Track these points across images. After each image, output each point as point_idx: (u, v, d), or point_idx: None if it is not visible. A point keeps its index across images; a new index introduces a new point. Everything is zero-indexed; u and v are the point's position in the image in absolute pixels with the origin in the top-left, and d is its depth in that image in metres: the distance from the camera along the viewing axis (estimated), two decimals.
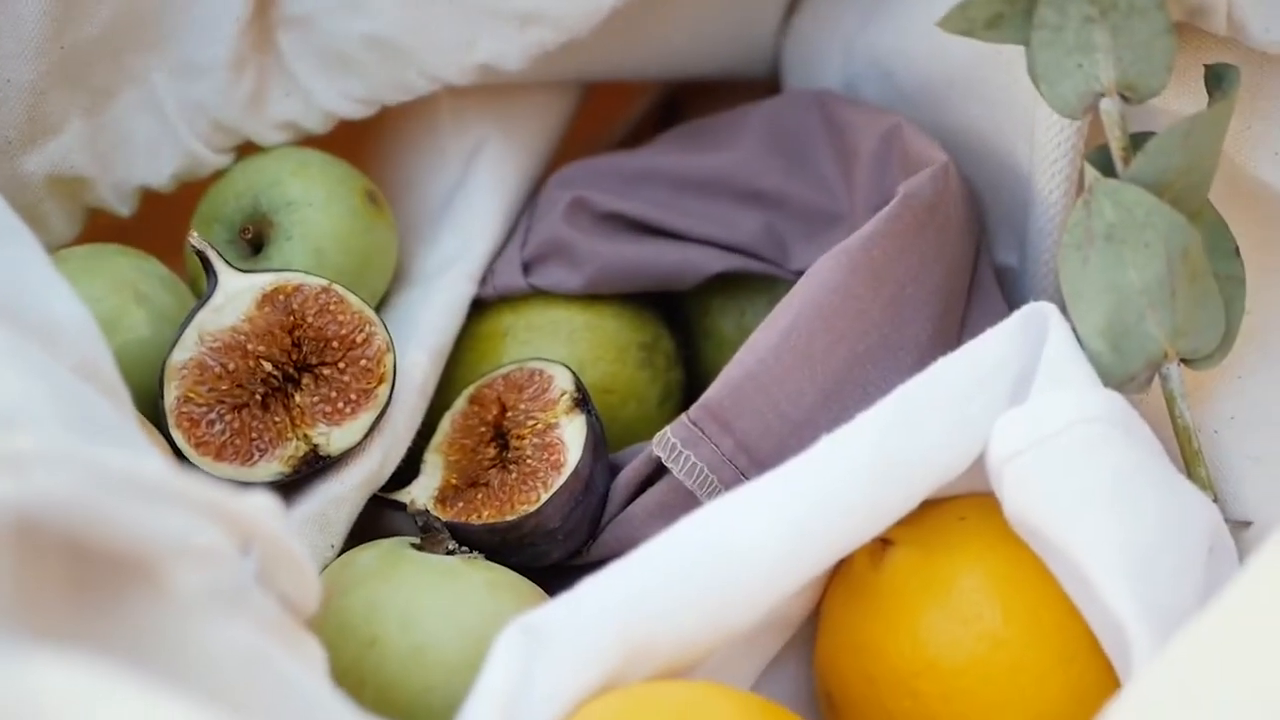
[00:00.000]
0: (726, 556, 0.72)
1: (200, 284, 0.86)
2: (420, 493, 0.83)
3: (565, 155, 0.96)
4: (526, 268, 0.88)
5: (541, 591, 0.79)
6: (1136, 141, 0.75)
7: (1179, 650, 0.59)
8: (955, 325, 0.83)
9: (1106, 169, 0.75)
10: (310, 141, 0.89)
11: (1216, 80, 0.75)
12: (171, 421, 0.79)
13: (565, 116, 0.94)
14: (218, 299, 0.80)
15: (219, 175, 0.88)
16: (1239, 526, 0.77)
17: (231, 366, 0.80)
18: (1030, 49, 0.75)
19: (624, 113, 1.02)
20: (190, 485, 0.56)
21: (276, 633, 0.62)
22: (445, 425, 0.85)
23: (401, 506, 0.83)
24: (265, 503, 0.61)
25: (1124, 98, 0.75)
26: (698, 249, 0.88)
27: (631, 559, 0.73)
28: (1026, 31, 0.75)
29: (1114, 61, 0.74)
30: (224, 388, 0.80)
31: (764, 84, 1.00)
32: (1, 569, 0.51)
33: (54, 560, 0.53)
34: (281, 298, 0.81)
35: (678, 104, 1.04)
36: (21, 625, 0.51)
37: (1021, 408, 0.74)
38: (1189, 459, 0.77)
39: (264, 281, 0.81)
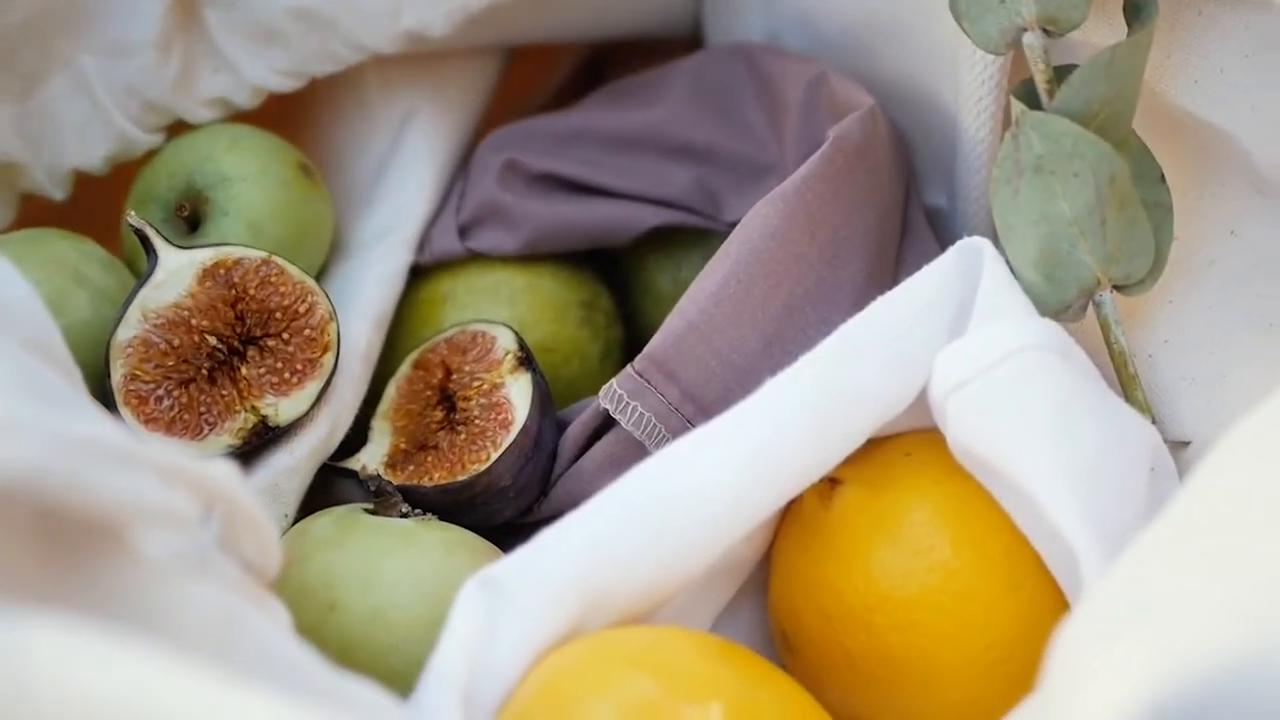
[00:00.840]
0: (679, 501, 0.73)
1: (138, 263, 0.86)
2: (370, 459, 0.84)
3: (492, 121, 0.96)
4: (463, 232, 0.89)
5: (497, 549, 0.80)
6: (1060, 74, 0.76)
7: (1131, 559, 0.60)
8: (889, 266, 0.84)
9: (1032, 102, 0.76)
10: (241, 117, 0.89)
11: (1135, 11, 0.76)
12: (119, 399, 0.79)
13: (492, 82, 0.95)
14: (159, 276, 0.80)
15: (151, 155, 0.88)
16: (1178, 446, 0.78)
17: (176, 342, 0.80)
18: None
19: (547, 77, 1.03)
20: (153, 450, 0.57)
21: (243, 594, 0.63)
22: (390, 391, 0.86)
23: (352, 474, 0.84)
24: (226, 468, 0.62)
25: (1046, 31, 0.76)
26: (631, 205, 0.89)
27: (587, 509, 0.74)
28: None
29: None
30: (170, 364, 0.80)
31: (684, 42, 1.00)
32: None
33: (23, 527, 0.54)
34: (222, 272, 0.81)
35: (599, 66, 1.05)
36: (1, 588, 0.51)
37: (961, 341, 0.76)
38: (1126, 383, 0.78)
39: (204, 256, 0.81)
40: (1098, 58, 0.75)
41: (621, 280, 0.93)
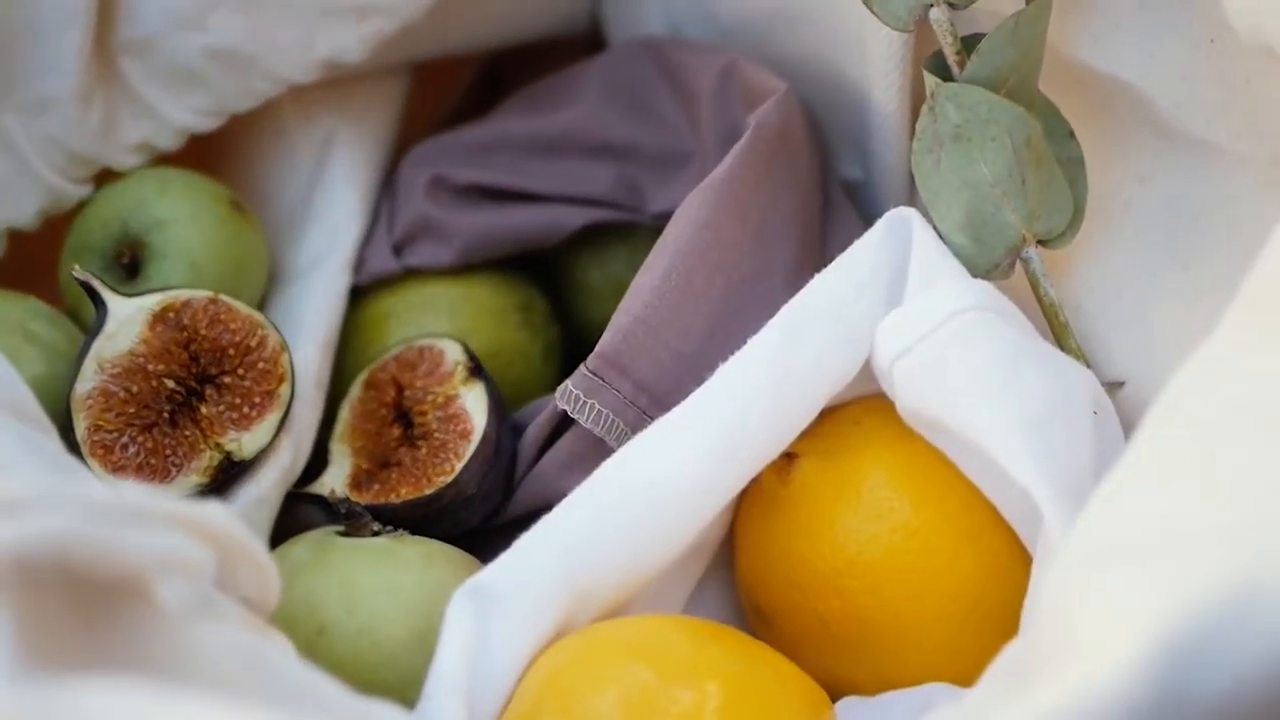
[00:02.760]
0: (652, 492, 0.76)
1: (81, 314, 0.87)
2: (334, 482, 0.86)
3: (406, 138, 0.98)
4: (397, 249, 0.91)
5: (472, 557, 0.82)
6: (967, 44, 0.79)
7: (1105, 500, 0.63)
8: (816, 243, 0.87)
9: (944, 74, 0.79)
10: (163, 158, 0.90)
11: None
12: (86, 451, 0.80)
13: (403, 99, 0.97)
14: (110, 326, 0.82)
15: (82, 205, 0.89)
16: (1114, 387, 0.81)
17: (135, 389, 0.82)
18: None
19: (451, 88, 1.05)
20: (164, 504, 0.58)
21: (252, 630, 0.65)
22: (344, 414, 0.88)
23: (317, 499, 0.85)
24: (219, 511, 0.63)
25: (950, 5, 0.79)
26: (558, 207, 0.91)
27: (563, 508, 0.76)
28: None
29: None
30: (131, 411, 0.81)
31: (582, 42, 1.03)
32: (16, 609, 0.53)
33: (56, 593, 0.55)
34: (171, 315, 0.82)
35: (498, 72, 1.07)
36: (44, 659, 0.53)
37: (900, 309, 0.79)
38: (1058, 333, 0.82)
39: (152, 302, 0.82)
40: (1003, 25, 0.78)
41: (553, 279, 0.96)
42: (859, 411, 0.82)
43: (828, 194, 0.89)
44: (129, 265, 0.87)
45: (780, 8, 0.91)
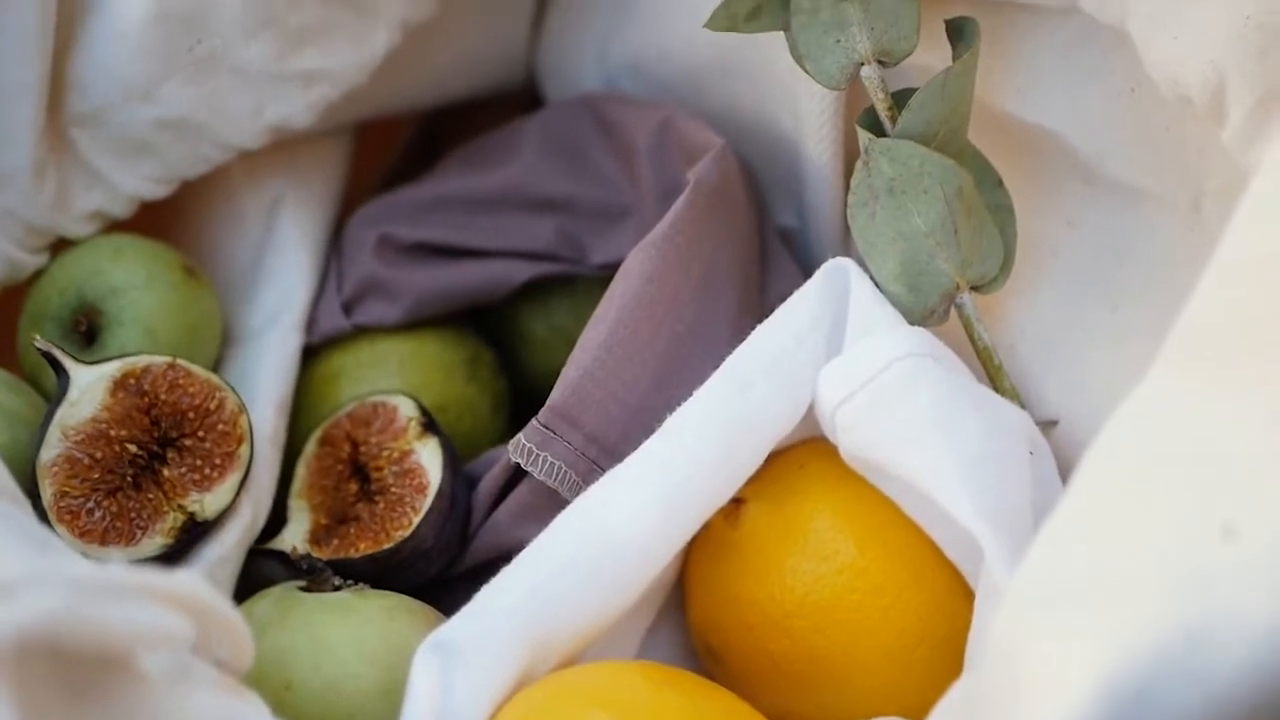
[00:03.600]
0: (606, 541, 0.79)
1: (40, 381, 0.89)
2: (294, 538, 0.88)
3: (348, 197, 1.00)
4: (346, 308, 0.93)
5: (432, 609, 0.84)
6: (898, 99, 0.82)
7: (1047, 544, 0.66)
8: (756, 291, 0.90)
9: (876, 129, 0.82)
10: (116, 225, 0.92)
11: (958, 33, 0.82)
12: (53, 518, 0.82)
13: (347, 159, 0.99)
14: (72, 394, 0.84)
15: (38, 274, 0.91)
16: (1048, 426, 0.84)
17: (99, 455, 0.83)
18: (791, 34, 0.81)
19: (390, 147, 1.07)
20: (144, 578, 0.61)
21: (228, 692, 0.67)
22: (301, 470, 0.90)
23: (277, 555, 0.88)
24: (192, 578, 0.66)
25: (881, 63, 0.82)
26: (502, 262, 0.94)
27: (521, 560, 0.79)
28: (784, 18, 0.81)
29: (868, 33, 0.81)
30: (95, 476, 0.83)
31: (517, 97, 1.05)
32: (14, 688, 0.55)
33: (46, 670, 0.57)
34: (132, 381, 0.84)
35: (434, 129, 1.09)
36: None
37: (840, 357, 0.81)
38: (993, 375, 0.85)
39: (112, 369, 0.84)
40: (933, 81, 0.81)
41: (498, 331, 0.98)
42: (803, 455, 0.85)
43: (765, 243, 0.92)
44: (86, 332, 0.89)
45: (714, 63, 0.94)
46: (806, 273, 0.93)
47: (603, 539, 0.79)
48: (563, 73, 1.01)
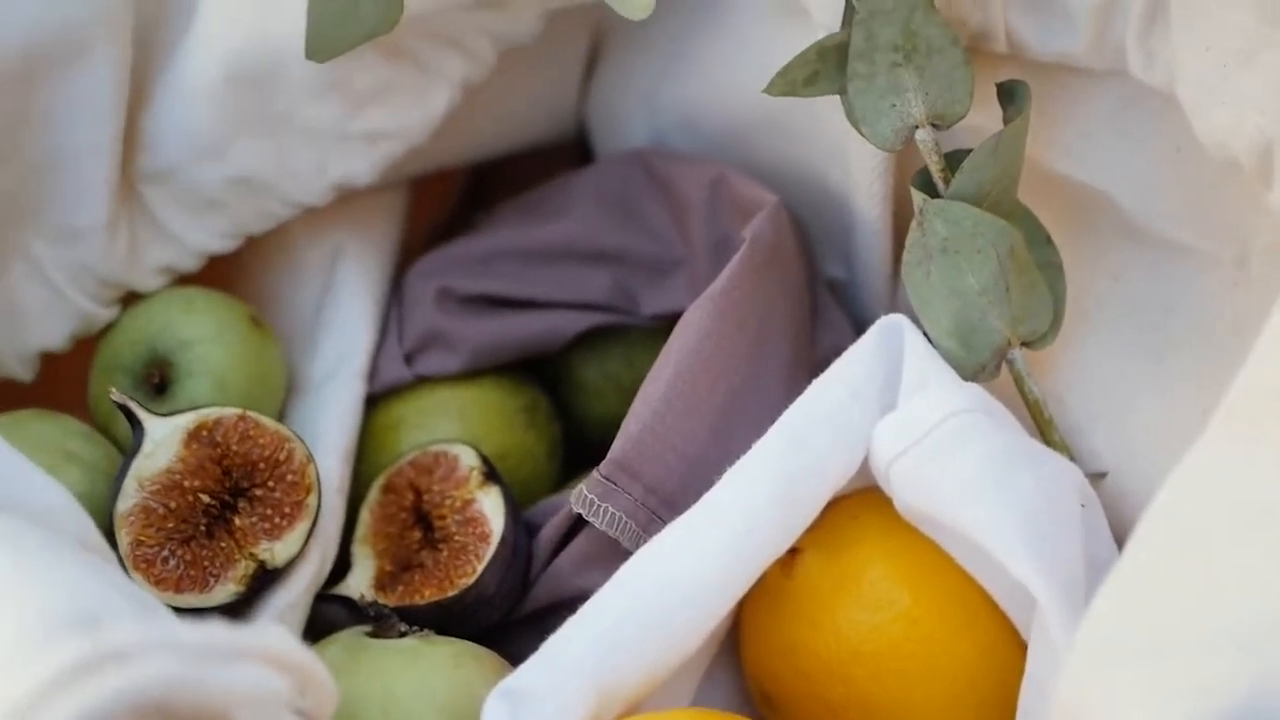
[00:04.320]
0: (671, 591, 0.81)
1: (111, 430, 0.92)
2: (358, 584, 0.90)
3: (404, 247, 1.03)
4: (408, 359, 0.95)
5: (497, 655, 0.86)
6: (950, 161, 0.85)
7: (1112, 600, 0.68)
8: (807, 344, 0.92)
9: (929, 190, 0.85)
10: (183, 277, 0.95)
11: (1009, 96, 0.85)
12: (129, 565, 0.85)
13: (403, 209, 1.02)
14: (148, 446, 0.86)
15: (109, 326, 0.93)
16: (1096, 478, 0.87)
17: (173, 505, 0.86)
18: (847, 98, 0.84)
19: (443, 197, 1.09)
20: (244, 638, 0.63)
21: None
22: (365, 517, 0.92)
23: (342, 600, 0.90)
24: (281, 633, 0.68)
25: (935, 126, 0.84)
26: (558, 314, 0.96)
27: (588, 610, 0.81)
28: (840, 82, 0.84)
29: (922, 97, 0.83)
30: (170, 526, 0.86)
31: (564, 145, 1.08)
32: None
33: None
34: (205, 433, 0.87)
35: (485, 180, 1.12)
36: None
37: (896, 412, 0.84)
38: (1043, 428, 0.87)
39: (186, 421, 0.87)
40: (985, 144, 0.83)
41: (550, 378, 1.00)
42: (856, 505, 0.87)
43: (815, 295, 0.94)
44: (158, 384, 0.92)
45: (763, 120, 0.96)
46: (855, 324, 0.96)
47: (666, 589, 0.81)
48: (611, 125, 1.04)
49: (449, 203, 1.10)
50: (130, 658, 0.58)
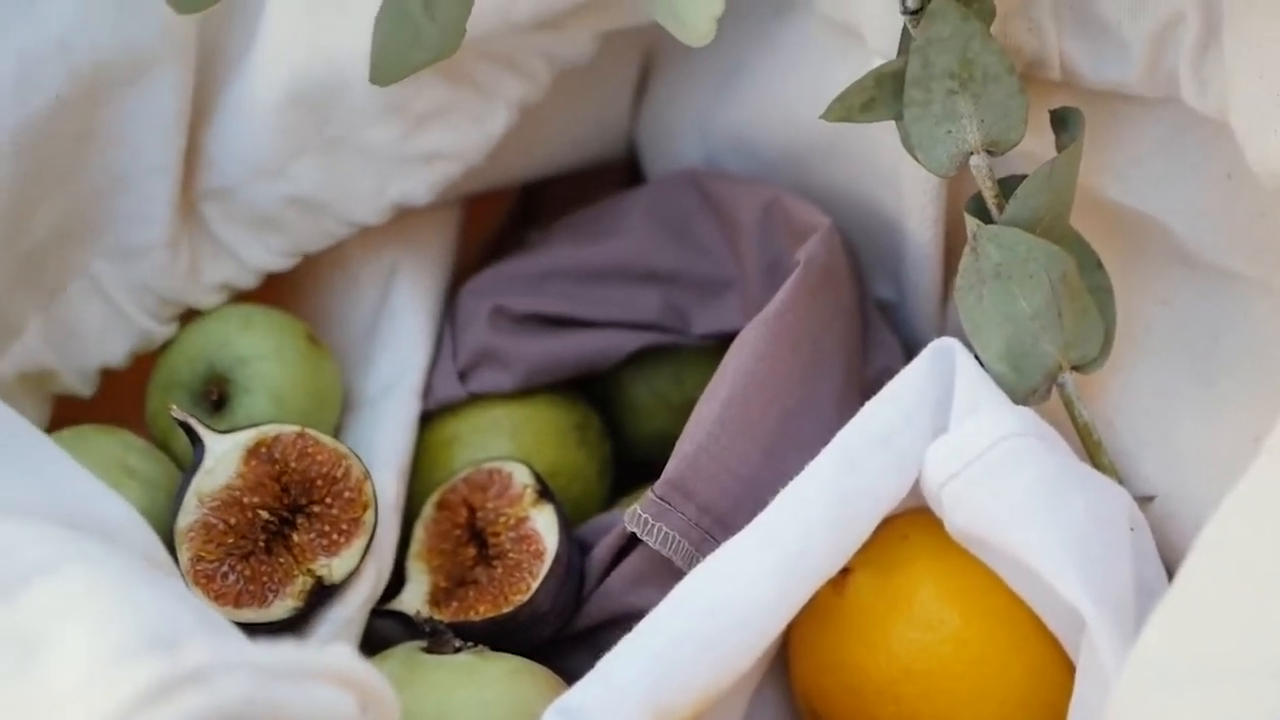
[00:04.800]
0: (725, 611, 0.82)
1: (169, 445, 0.93)
2: (413, 599, 0.91)
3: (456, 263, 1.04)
4: (462, 376, 0.97)
5: (550, 671, 0.87)
6: (1004, 186, 0.85)
7: (1167, 621, 0.69)
8: (860, 365, 0.93)
9: (983, 215, 0.85)
10: (240, 294, 0.96)
11: (1062, 123, 0.86)
12: (189, 581, 0.86)
13: (457, 227, 1.03)
14: (208, 462, 0.87)
15: (167, 343, 0.94)
16: (1144, 501, 0.87)
17: (233, 521, 0.87)
18: (903, 124, 0.85)
19: (494, 214, 1.11)
20: (315, 659, 0.64)
21: None
22: (419, 533, 0.93)
23: (396, 615, 0.91)
24: (347, 652, 0.69)
25: (989, 152, 0.85)
26: (610, 333, 0.97)
27: (644, 628, 0.82)
28: (896, 109, 0.85)
29: (978, 124, 0.84)
30: (230, 541, 0.87)
31: (616, 167, 1.09)
32: None
33: None
34: (264, 450, 0.88)
35: (536, 197, 1.13)
36: None
37: (948, 435, 0.85)
38: (1092, 451, 0.88)
39: (245, 439, 0.88)
40: (1039, 171, 0.84)
41: (600, 396, 1.01)
42: (906, 526, 0.88)
43: (866, 317, 0.95)
44: (216, 400, 0.93)
45: (816, 142, 0.97)
46: (904, 345, 0.97)
47: (721, 610, 0.82)
48: (663, 145, 1.05)
49: (500, 219, 1.11)
50: (208, 678, 0.59)
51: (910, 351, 0.96)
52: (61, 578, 0.64)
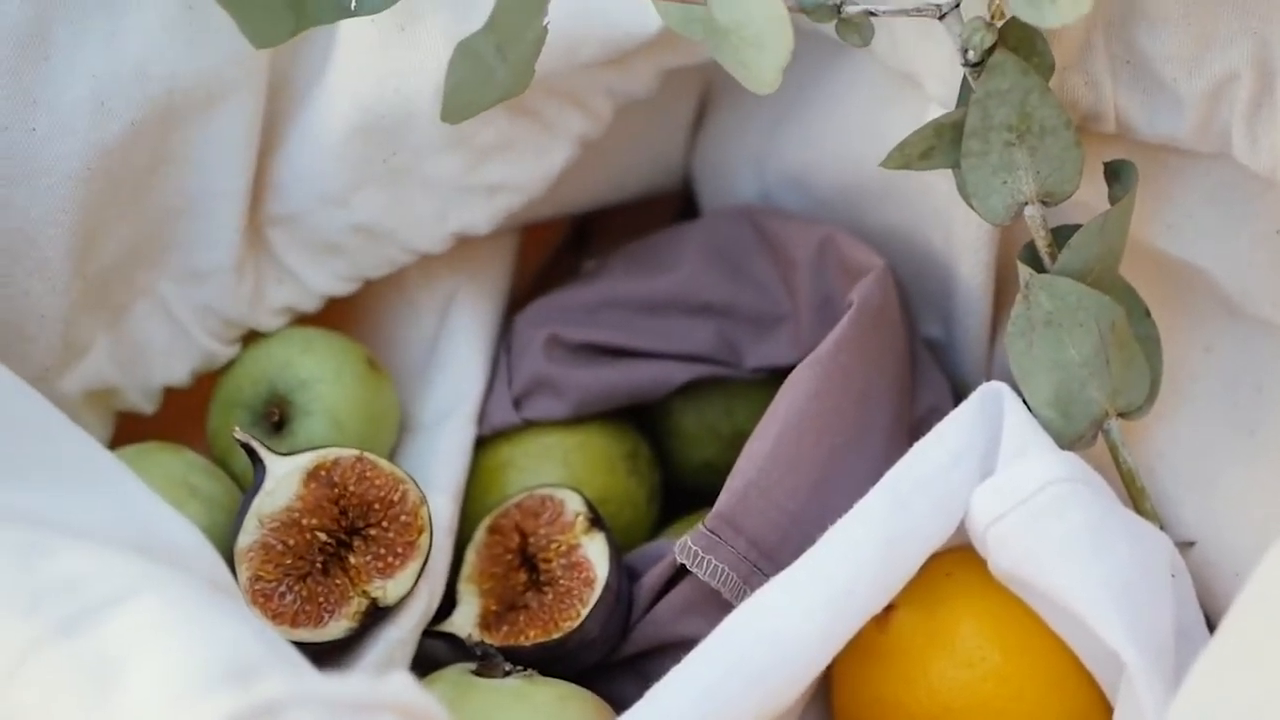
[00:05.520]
0: (773, 645, 0.83)
1: (229, 463, 0.95)
2: (464, 621, 0.93)
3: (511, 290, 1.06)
4: (516, 403, 0.98)
5: (597, 697, 0.89)
6: (1057, 235, 0.87)
7: (1210, 672, 0.71)
8: (909, 403, 0.95)
9: (1035, 264, 0.87)
10: (301, 317, 0.98)
11: (1115, 175, 0.87)
12: (248, 599, 0.88)
13: (514, 257, 1.05)
14: (268, 484, 0.89)
15: (229, 363, 0.97)
16: (1184, 547, 0.89)
17: (291, 542, 0.89)
18: (960, 172, 0.86)
19: (550, 242, 1.12)
20: (381, 691, 0.66)
21: None
22: (471, 557, 0.95)
23: (446, 637, 0.93)
24: (407, 682, 0.71)
25: (1044, 203, 0.87)
26: (663, 364, 0.99)
27: (694, 659, 0.84)
28: (954, 157, 0.86)
29: (1033, 175, 0.85)
30: (288, 562, 0.89)
31: (671, 198, 1.11)
32: None
33: None
34: (323, 473, 0.90)
35: (588, 225, 1.15)
36: None
37: (995, 478, 0.86)
38: (1135, 496, 0.90)
39: (306, 461, 0.90)
40: (1092, 223, 0.85)
41: (649, 424, 1.03)
42: (950, 564, 0.90)
43: (915, 355, 0.97)
44: (277, 422, 0.95)
45: (870, 184, 0.99)
46: (952, 384, 0.98)
47: (770, 643, 0.83)
48: (718, 180, 1.07)
49: (554, 245, 1.13)
50: (282, 710, 0.60)
51: (957, 390, 0.98)
52: (138, 608, 0.66)
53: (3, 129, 0.87)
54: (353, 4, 0.83)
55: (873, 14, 0.85)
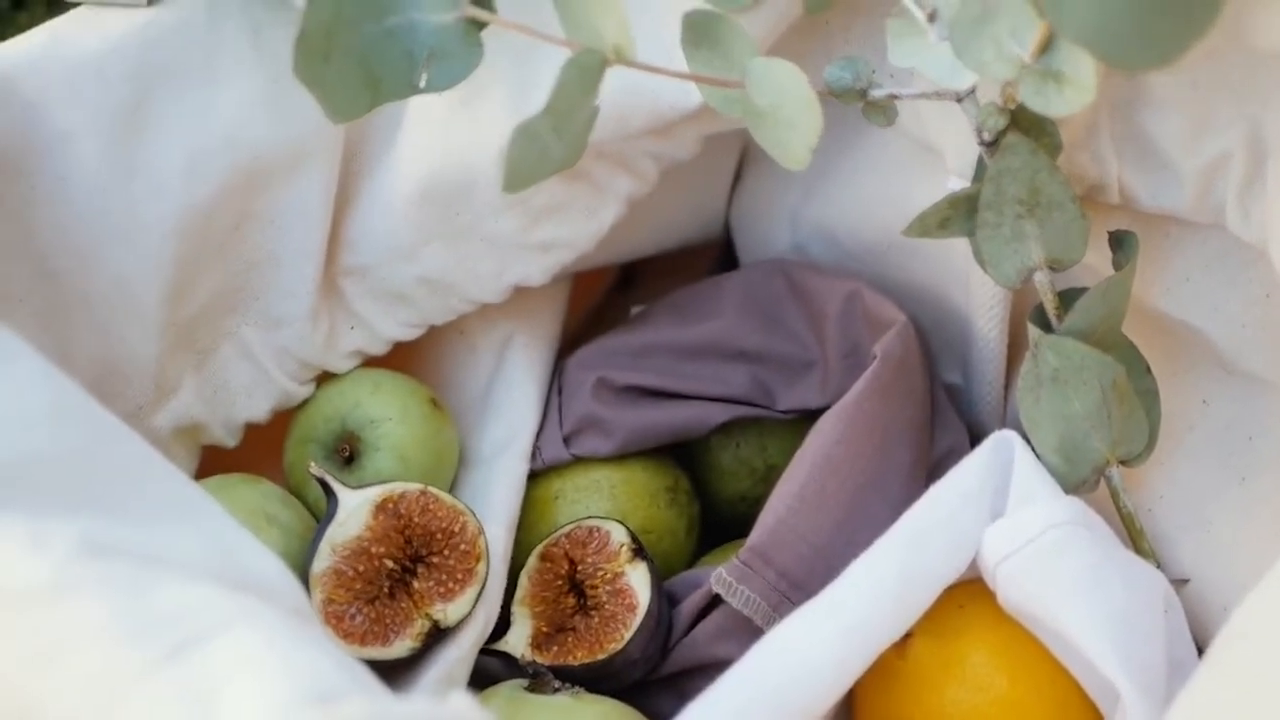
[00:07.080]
0: (801, 671, 0.91)
1: (303, 494, 1.03)
2: (517, 642, 1.01)
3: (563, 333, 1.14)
4: (567, 440, 1.07)
5: (641, 714, 0.97)
6: (1064, 298, 0.95)
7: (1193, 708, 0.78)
8: (928, 445, 1.03)
9: (1043, 324, 0.95)
10: (369, 359, 1.06)
11: (1119, 243, 0.95)
12: (321, 620, 0.96)
13: (566, 304, 1.13)
14: (340, 515, 0.98)
15: (304, 401, 1.05)
16: (1179, 584, 0.97)
17: (361, 568, 0.97)
18: (975, 240, 0.94)
19: (597, 288, 1.21)
20: (448, 712, 0.74)
21: None
22: (524, 581, 1.03)
23: (501, 655, 1.01)
24: (473, 703, 0.79)
25: (1051, 269, 0.94)
26: (702, 405, 1.07)
27: (724, 683, 0.91)
28: (969, 227, 0.94)
29: (1042, 245, 0.93)
30: (358, 587, 0.97)
31: (711, 246, 1.19)
32: None
33: None
34: (390, 505, 0.98)
35: (633, 270, 1.23)
36: None
37: (1004, 520, 0.94)
38: (1134, 536, 0.97)
39: (374, 494, 0.98)
40: (1096, 288, 0.93)
41: (687, 459, 1.12)
42: (963, 596, 0.97)
43: (934, 400, 1.05)
44: (348, 456, 1.03)
45: (895, 241, 1.07)
46: (969, 427, 1.06)
47: (798, 668, 0.91)
48: (756, 232, 1.15)
49: (602, 289, 1.21)
50: None
51: (974, 433, 1.06)
52: (234, 639, 0.73)
53: (103, 192, 0.95)
54: (422, 83, 0.91)
55: (896, 97, 0.93)
